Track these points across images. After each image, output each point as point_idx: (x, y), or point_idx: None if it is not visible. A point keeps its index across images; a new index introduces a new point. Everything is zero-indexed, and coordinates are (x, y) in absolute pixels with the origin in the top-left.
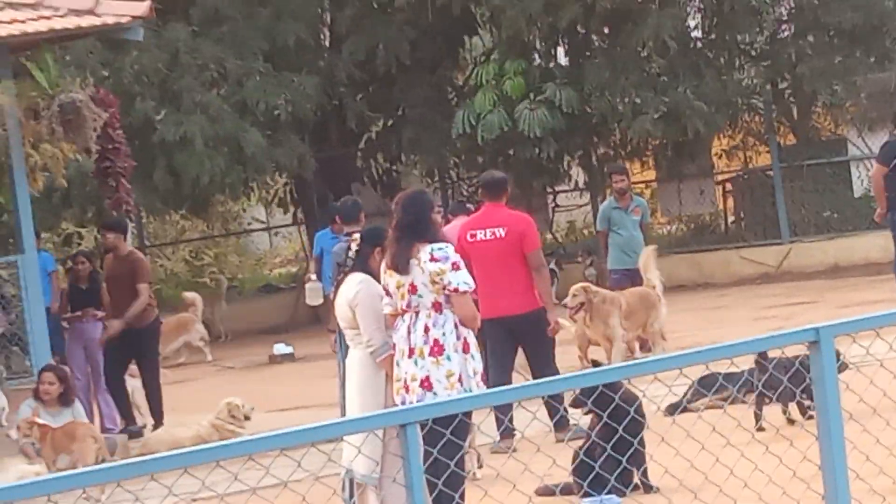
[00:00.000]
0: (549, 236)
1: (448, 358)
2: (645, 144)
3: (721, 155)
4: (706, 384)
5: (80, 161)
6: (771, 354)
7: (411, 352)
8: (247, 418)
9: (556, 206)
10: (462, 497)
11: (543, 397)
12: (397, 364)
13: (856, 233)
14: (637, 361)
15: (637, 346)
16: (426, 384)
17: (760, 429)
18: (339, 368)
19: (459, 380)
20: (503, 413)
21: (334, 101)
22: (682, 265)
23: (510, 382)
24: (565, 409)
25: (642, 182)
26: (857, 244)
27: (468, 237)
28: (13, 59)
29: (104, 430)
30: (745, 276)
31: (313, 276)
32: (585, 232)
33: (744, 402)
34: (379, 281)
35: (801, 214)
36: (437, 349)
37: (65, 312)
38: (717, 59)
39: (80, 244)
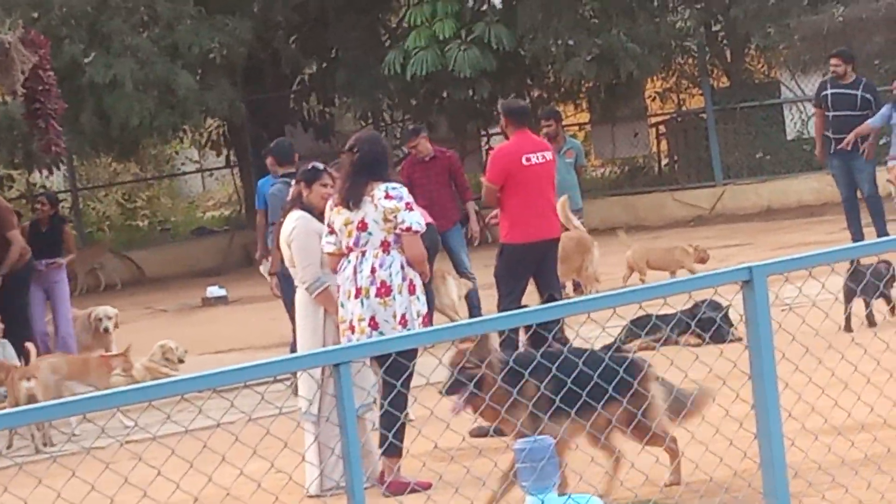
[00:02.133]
0: (482, 179)
1: (394, 299)
2: (578, 87)
3: (654, 98)
4: (639, 325)
5: (8, 104)
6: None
7: (358, 292)
8: (180, 361)
9: (490, 148)
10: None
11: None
12: (342, 305)
13: (789, 175)
14: (571, 300)
15: (571, 289)
16: (373, 324)
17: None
18: (291, 309)
19: (403, 321)
20: (510, 347)
21: (269, 43)
22: (616, 208)
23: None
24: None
25: (576, 125)
26: (791, 187)
27: (524, 161)
28: None
29: None
30: (679, 219)
31: (264, 261)
32: None
33: (677, 342)
34: (321, 220)
35: (734, 157)
36: (384, 290)
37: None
38: (651, 1)
39: (11, 187)
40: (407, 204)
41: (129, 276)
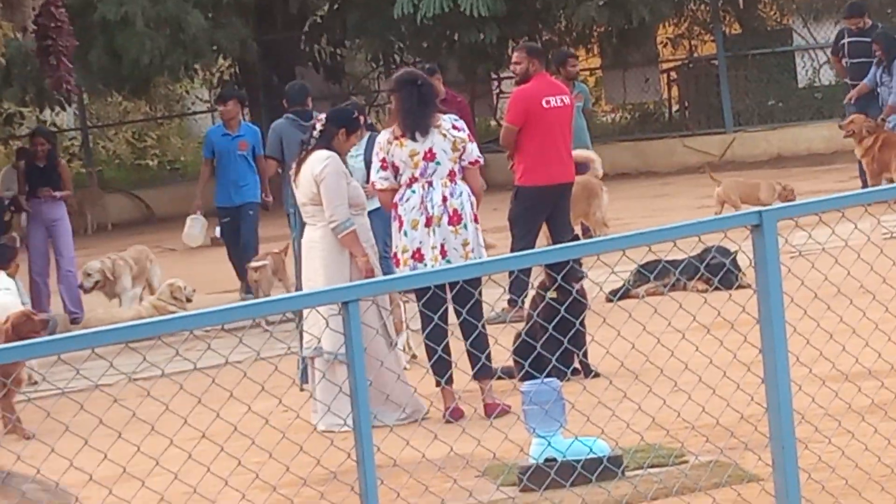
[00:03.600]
0: (492, 122)
1: (465, 227)
2: (590, 31)
3: (666, 43)
4: (648, 269)
5: (20, 40)
6: None
7: (429, 220)
8: (188, 300)
9: (501, 92)
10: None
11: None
12: (405, 234)
13: (799, 123)
14: (581, 242)
15: (580, 233)
16: (442, 252)
17: None
18: (294, 247)
19: (471, 249)
20: (520, 288)
21: None
22: (626, 153)
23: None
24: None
25: (587, 69)
26: (801, 134)
27: (544, 103)
28: None
29: (67, 311)
30: (689, 165)
31: (198, 212)
32: None
33: (685, 288)
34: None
35: (745, 104)
36: (456, 218)
37: (22, 192)
38: None
39: (21, 124)
40: (470, 136)
41: (138, 215)
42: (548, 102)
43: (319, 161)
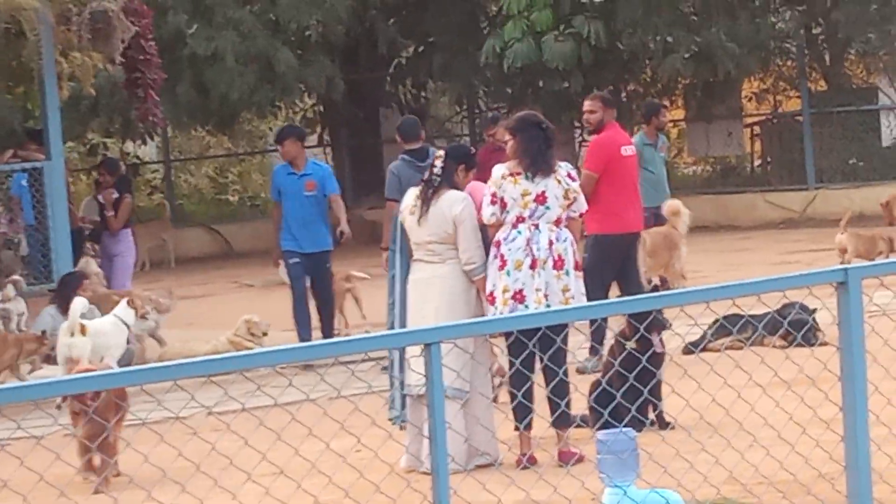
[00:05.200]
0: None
1: (567, 273)
2: (675, 83)
3: (751, 98)
4: (731, 322)
5: (110, 72)
6: None
7: (534, 263)
8: (264, 334)
9: (584, 141)
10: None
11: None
12: (507, 273)
13: (882, 182)
14: (666, 293)
15: (658, 284)
16: (545, 296)
17: None
18: (395, 286)
19: (572, 296)
20: (598, 337)
21: (366, 24)
22: (707, 206)
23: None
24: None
25: (671, 121)
26: (884, 193)
27: (622, 152)
28: None
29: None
30: (770, 221)
31: (280, 266)
32: None
33: (763, 344)
34: None
35: (828, 161)
36: (560, 263)
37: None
38: (752, 1)
39: (105, 154)
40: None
41: (217, 249)
42: (625, 151)
43: (457, 202)
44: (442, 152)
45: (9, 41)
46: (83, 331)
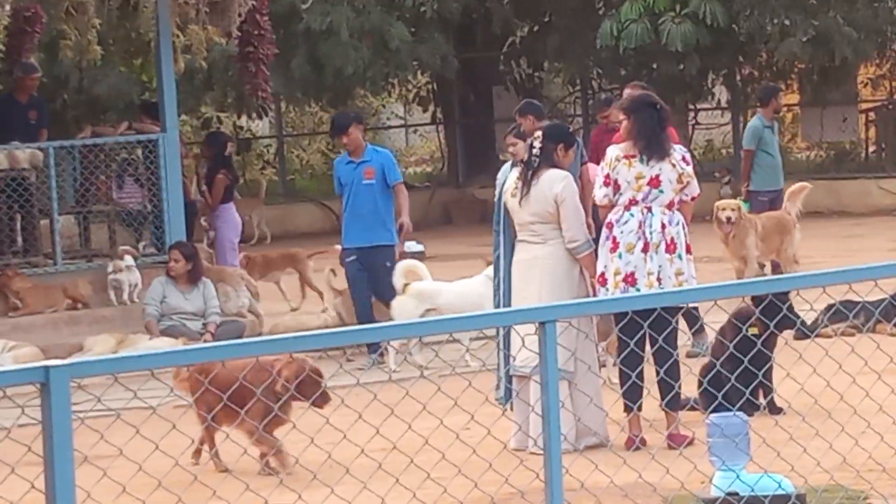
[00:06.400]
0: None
1: (679, 257)
2: (790, 67)
3: (867, 83)
4: (847, 307)
5: (225, 45)
6: None
7: (646, 246)
8: None
9: (697, 123)
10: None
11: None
12: (619, 256)
13: None
14: (781, 277)
15: (770, 269)
16: (659, 279)
17: None
18: (502, 265)
19: (685, 279)
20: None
21: (482, 2)
22: (820, 192)
23: None
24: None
25: (785, 105)
26: None
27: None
28: None
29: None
30: (883, 207)
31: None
32: (723, 152)
33: (874, 331)
34: None
35: None
36: (672, 246)
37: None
38: None
39: (218, 128)
40: (693, 170)
41: (327, 224)
42: None
43: (558, 180)
44: (539, 133)
45: (125, 14)
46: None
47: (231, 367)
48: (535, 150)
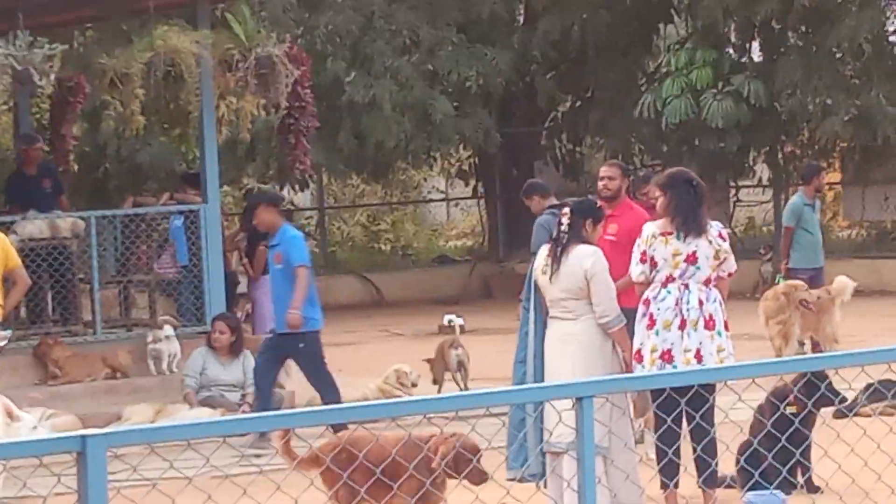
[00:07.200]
0: (727, 231)
1: (719, 333)
2: (833, 146)
3: None
4: (886, 387)
5: (268, 117)
6: None
7: (683, 323)
8: (413, 385)
9: (738, 200)
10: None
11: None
12: (655, 333)
13: None
14: (820, 355)
15: (809, 347)
16: (698, 356)
17: None
18: (528, 343)
19: (726, 356)
20: None
21: (525, 77)
22: (862, 270)
23: None
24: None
25: (826, 184)
26: None
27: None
28: (210, 9)
29: None
30: None
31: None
32: (765, 229)
33: None
34: None
35: None
36: (711, 323)
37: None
38: None
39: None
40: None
41: (368, 298)
42: None
43: (587, 256)
44: (568, 209)
45: (168, 84)
46: None
47: (382, 443)
48: (563, 227)
